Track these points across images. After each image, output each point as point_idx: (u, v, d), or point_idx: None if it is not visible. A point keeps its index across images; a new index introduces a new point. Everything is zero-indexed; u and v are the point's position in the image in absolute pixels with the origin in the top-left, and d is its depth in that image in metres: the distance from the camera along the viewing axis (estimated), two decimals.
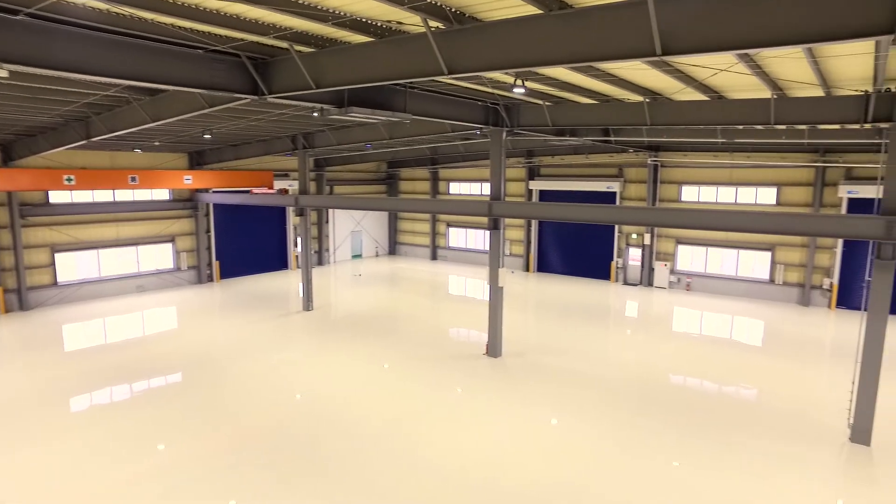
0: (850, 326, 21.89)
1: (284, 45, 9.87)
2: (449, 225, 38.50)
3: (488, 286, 18.11)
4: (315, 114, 13.53)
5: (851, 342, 19.80)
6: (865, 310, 12.41)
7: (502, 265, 18.28)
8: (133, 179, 24.07)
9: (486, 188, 35.97)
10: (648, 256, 29.82)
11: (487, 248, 36.70)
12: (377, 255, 40.60)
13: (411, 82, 13.93)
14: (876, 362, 12.27)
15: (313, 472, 10.91)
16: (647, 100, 14.48)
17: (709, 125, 14.03)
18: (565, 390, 15.15)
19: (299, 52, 10.10)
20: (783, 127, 18.87)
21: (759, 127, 18.91)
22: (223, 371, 16.38)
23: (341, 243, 37.67)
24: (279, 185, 29.33)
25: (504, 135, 17.45)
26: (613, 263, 31.34)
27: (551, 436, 12.50)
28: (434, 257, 39.25)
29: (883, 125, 11.99)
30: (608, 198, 30.76)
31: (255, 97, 11.03)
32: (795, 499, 10.19)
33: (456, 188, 37.65)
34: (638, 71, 11.44)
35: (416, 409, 13.88)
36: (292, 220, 33.62)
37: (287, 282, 30.33)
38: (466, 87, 14.94)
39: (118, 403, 14.05)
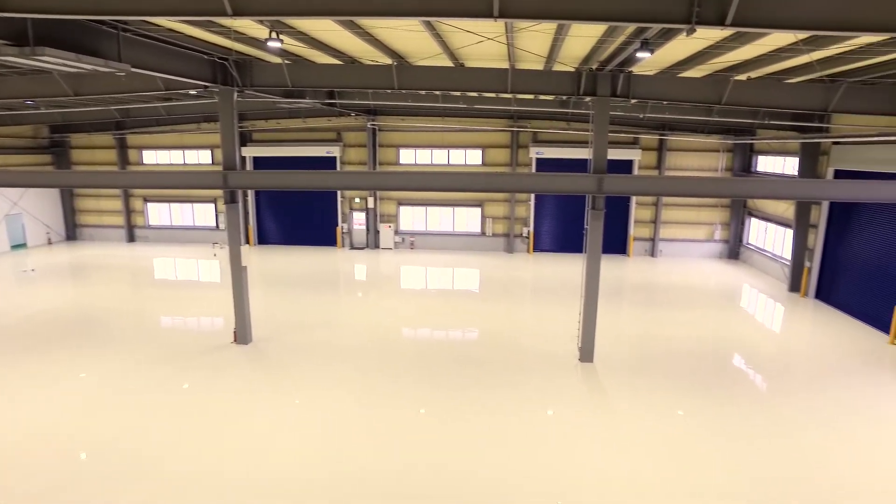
0: (547, 267, 26.43)
1: None
2: (147, 200, 32.91)
3: (230, 266, 16.07)
4: None
5: (552, 280, 23.96)
6: (582, 252, 14.96)
7: (244, 242, 16.42)
8: None
9: (190, 156, 31.71)
10: (373, 219, 30.65)
11: (198, 224, 32.84)
12: (50, 243, 32.36)
13: (124, 22, 10.96)
14: (594, 294, 15.00)
15: None
16: (396, 63, 14.37)
17: (452, 90, 14.67)
18: (324, 365, 14.66)
19: None
20: (492, 95, 21.22)
21: (473, 94, 20.83)
22: None
23: None
24: None
25: (235, 95, 15.39)
26: (339, 229, 31.33)
27: (322, 415, 11.88)
28: (132, 239, 33.24)
29: (588, 98, 14.30)
30: (329, 163, 30.30)
31: None
32: (545, 413, 12.01)
33: (151, 157, 32.18)
34: (402, 32, 11.13)
35: (167, 417, 11.59)
36: None
37: None
38: (193, 36, 12.51)
39: None
